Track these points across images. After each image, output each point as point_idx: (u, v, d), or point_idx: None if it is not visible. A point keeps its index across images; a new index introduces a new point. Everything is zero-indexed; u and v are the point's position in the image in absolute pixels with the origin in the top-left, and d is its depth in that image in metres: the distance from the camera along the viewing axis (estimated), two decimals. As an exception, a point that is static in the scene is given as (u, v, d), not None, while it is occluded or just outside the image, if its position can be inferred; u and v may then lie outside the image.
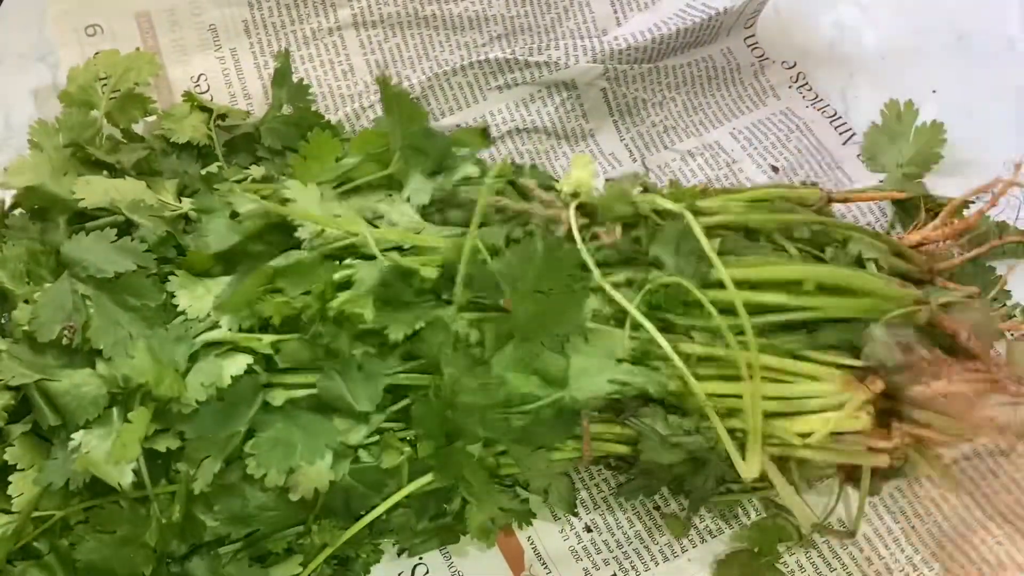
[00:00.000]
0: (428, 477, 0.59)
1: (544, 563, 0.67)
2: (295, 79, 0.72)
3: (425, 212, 0.63)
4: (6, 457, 0.56)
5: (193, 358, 0.55)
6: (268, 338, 0.56)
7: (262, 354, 0.57)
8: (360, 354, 0.57)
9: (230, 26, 0.79)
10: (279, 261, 0.56)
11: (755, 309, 0.59)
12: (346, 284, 0.57)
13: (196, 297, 0.57)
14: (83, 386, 0.55)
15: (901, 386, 0.60)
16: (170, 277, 0.57)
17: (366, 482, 0.59)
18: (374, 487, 0.59)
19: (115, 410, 0.55)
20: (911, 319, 0.60)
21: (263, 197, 0.59)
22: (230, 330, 0.56)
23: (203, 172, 0.66)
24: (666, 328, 0.59)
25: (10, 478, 0.56)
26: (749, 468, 0.54)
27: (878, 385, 0.59)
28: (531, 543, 0.67)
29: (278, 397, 0.57)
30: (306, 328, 0.56)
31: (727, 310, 0.57)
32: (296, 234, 0.58)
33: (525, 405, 0.57)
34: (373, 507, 0.60)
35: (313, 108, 0.73)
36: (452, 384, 0.56)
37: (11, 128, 0.76)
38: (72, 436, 0.55)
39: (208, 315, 0.56)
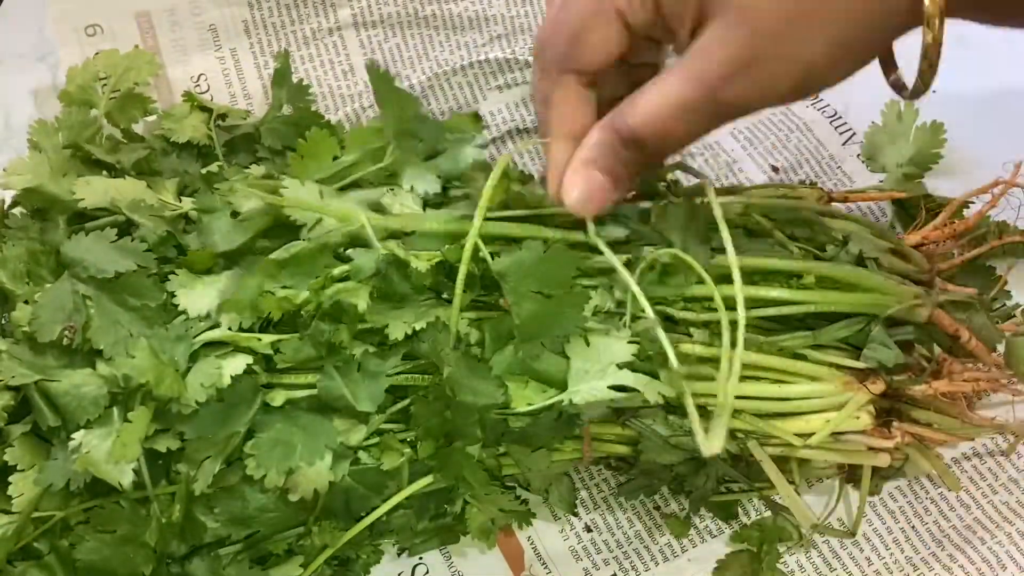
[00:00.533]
0: (428, 478, 0.59)
1: (544, 563, 0.67)
2: (295, 79, 0.72)
3: (428, 205, 0.62)
4: (6, 458, 0.56)
5: (193, 358, 0.55)
6: (268, 338, 0.56)
7: (262, 354, 0.57)
8: (360, 353, 0.57)
9: (230, 26, 0.79)
10: (279, 254, 0.56)
11: (756, 303, 0.59)
12: (345, 279, 0.57)
13: (196, 297, 0.56)
14: (83, 386, 0.54)
15: (902, 385, 0.60)
16: (170, 277, 0.57)
17: (366, 483, 0.59)
18: (374, 488, 0.59)
19: (115, 410, 0.55)
20: (911, 316, 0.60)
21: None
22: (230, 329, 0.56)
23: (203, 172, 0.66)
24: (666, 325, 0.59)
25: (10, 478, 0.56)
26: (711, 444, 0.53)
27: (879, 386, 0.59)
28: (531, 543, 0.67)
29: (278, 398, 0.56)
30: (306, 325, 0.56)
31: (728, 307, 0.57)
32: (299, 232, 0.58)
33: (524, 407, 0.57)
34: (373, 508, 0.59)
35: (313, 108, 0.73)
36: (451, 384, 0.56)
37: (11, 128, 0.76)
38: (72, 436, 0.54)
39: (208, 314, 0.56)
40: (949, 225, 0.67)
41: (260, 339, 0.56)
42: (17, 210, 0.65)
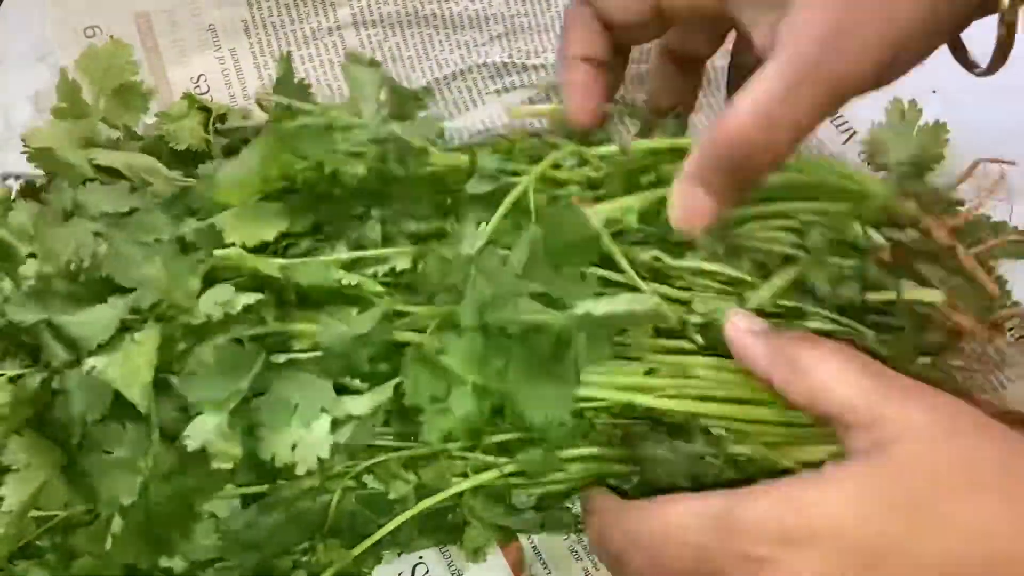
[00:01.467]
0: (434, 499, 0.60)
1: (544, 563, 0.67)
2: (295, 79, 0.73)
3: None
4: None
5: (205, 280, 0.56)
6: (277, 261, 0.57)
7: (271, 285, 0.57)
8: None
9: (229, 26, 0.80)
10: (287, 125, 0.57)
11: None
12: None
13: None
14: (95, 314, 0.55)
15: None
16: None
17: (373, 508, 0.60)
18: (381, 512, 0.60)
19: (128, 336, 0.55)
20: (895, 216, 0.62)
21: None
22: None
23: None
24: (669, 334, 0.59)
25: (5, 478, 0.56)
26: None
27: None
28: (531, 543, 0.68)
29: (280, 357, 0.57)
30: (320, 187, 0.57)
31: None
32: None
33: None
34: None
35: (312, 108, 0.73)
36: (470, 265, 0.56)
37: (11, 128, 0.77)
38: (85, 360, 0.55)
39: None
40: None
41: (270, 262, 0.56)
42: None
